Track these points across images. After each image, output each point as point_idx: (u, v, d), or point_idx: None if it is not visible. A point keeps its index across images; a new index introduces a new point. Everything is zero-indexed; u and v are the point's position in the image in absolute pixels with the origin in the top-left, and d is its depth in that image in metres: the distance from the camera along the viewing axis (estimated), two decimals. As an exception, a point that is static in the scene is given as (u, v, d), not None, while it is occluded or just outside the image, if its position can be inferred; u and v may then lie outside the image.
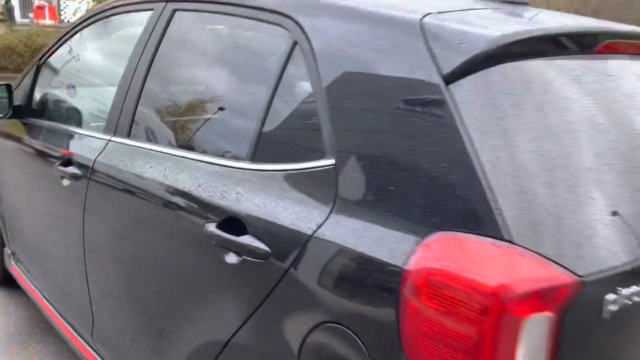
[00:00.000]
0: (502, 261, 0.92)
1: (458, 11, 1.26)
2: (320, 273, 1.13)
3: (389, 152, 1.09)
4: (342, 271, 1.09)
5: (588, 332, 0.98)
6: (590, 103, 1.16)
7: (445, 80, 1.05)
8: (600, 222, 1.01)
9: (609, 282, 0.98)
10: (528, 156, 1.01)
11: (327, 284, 1.12)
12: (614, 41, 1.31)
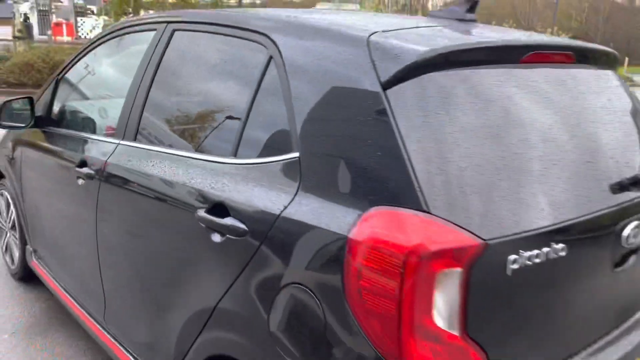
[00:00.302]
0: (420, 227, 1.17)
1: (403, 29, 1.51)
2: (286, 244, 1.38)
3: (339, 145, 1.35)
4: (302, 241, 1.34)
5: (494, 285, 1.22)
6: (507, 103, 1.40)
7: (383, 86, 1.30)
8: (504, 198, 1.25)
9: (510, 245, 1.21)
10: (446, 147, 1.25)
11: (291, 252, 1.37)
12: (540, 52, 1.55)
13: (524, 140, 1.37)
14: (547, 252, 1.27)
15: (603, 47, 1.90)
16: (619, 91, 1.83)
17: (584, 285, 1.45)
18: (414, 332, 1.18)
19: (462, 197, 1.21)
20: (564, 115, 1.53)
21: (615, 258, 1.51)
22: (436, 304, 1.18)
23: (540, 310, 1.34)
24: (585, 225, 1.38)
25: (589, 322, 1.53)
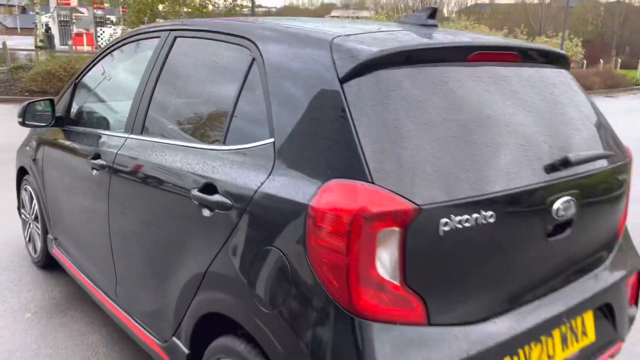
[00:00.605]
0: (364, 194, 1.42)
1: (364, 34, 1.78)
2: (262, 214, 1.65)
3: (305, 130, 1.61)
4: (274, 211, 1.61)
5: (428, 243, 1.47)
6: (448, 94, 1.65)
7: (341, 81, 1.57)
8: (439, 172, 1.50)
9: (442, 210, 1.46)
10: (390, 130, 1.51)
11: (266, 221, 1.63)
12: (483, 52, 1.81)
13: (461, 125, 1.62)
14: (476, 218, 1.52)
15: (551, 49, 2.15)
16: (564, 87, 2.07)
17: (517, 250, 1.69)
18: (361, 282, 1.43)
19: (402, 171, 1.47)
20: (502, 105, 1.77)
21: (547, 229, 1.75)
22: (379, 258, 1.44)
23: (474, 267, 1.59)
24: (514, 197, 1.62)
25: (524, 283, 1.76)
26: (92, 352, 2.79)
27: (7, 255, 3.94)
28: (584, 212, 1.87)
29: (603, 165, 1.98)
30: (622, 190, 2.15)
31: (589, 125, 2.06)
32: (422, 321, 1.51)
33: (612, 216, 2.12)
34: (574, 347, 1.94)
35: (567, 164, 1.77)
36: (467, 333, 1.57)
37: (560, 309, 1.82)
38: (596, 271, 2.05)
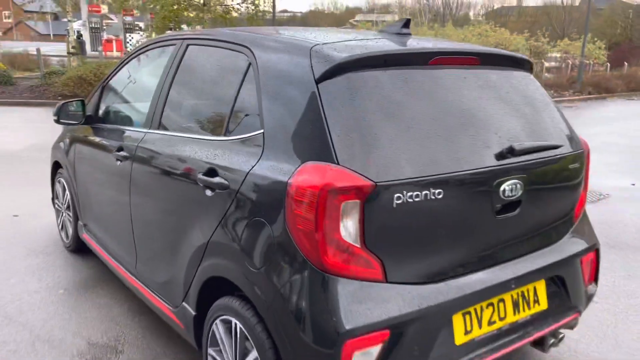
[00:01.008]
0: (331, 173, 1.75)
1: (340, 42, 2.11)
2: (252, 192, 1.99)
3: (287, 122, 1.95)
4: (261, 189, 1.95)
5: (383, 213, 1.79)
6: (408, 92, 1.97)
7: (316, 81, 1.90)
8: (395, 156, 1.82)
9: (395, 187, 1.78)
10: (354, 122, 1.83)
11: (254, 196, 1.98)
12: (443, 57, 2.12)
13: (418, 118, 1.93)
14: (425, 194, 1.84)
15: (511, 54, 2.45)
16: (522, 87, 2.37)
17: (466, 223, 2.00)
18: (328, 244, 1.76)
19: (363, 155, 1.79)
20: (458, 101, 2.08)
21: (495, 207, 2.05)
22: (343, 224, 1.76)
23: (426, 235, 1.90)
24: (461, 178, 1.93)
25: (474, 252, 2.06)
26: (114, 322, 3.16)
27: (43, 241, 4.37)
28: (532, 194, 2.17)
29: (552, 154, 2.27)
30: (575, 178, 2.43)
31: (542, 120, 2.35)
32: (380, 278, 1.83)
33: (564, 200, 2.40)
34: (526, 312, 2.23)
35: (512, 152, 2.07)
36: (420, 291, 1.89)
37: (509, 276, 2.12)
38: (549, 247, 2.34)
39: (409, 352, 1.86)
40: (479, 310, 2.06)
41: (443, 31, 19.49)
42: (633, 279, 3.94)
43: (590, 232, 2.59)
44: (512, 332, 2.18)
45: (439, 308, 1.91)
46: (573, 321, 2.47)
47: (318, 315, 1.77)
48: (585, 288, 2.53)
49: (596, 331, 3.19)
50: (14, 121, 11.05)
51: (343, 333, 1.73)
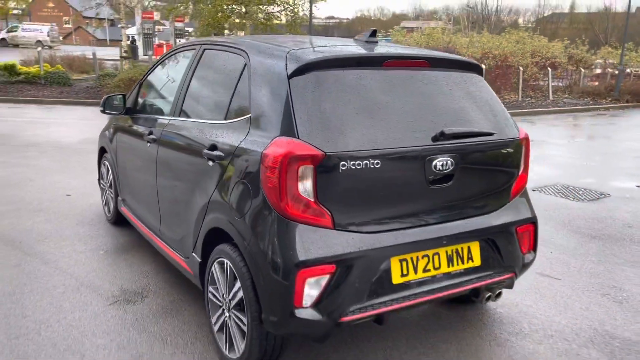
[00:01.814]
0: (292, 145, 2.35)
1: (311, 48, 2.72)
2: (239, 161, 2.62)
3: (266, 107, 2.57)
4: (245, 158, 2.57)
5: (331, 177, 2.37)
6: (362, 87, 2.55)
7: (288, 77, 2.51)
8: (343, 134, 2.41)
9: (341, 157, 2.37)
10: (314, 107, 2.43)
11: (240, 164, 2.60)
12: (393, 60, 2.70)
13: (366, 107, 2.51)
14: (365, 164, 2.41)
15: (458, 58, 3.00)
16: (467, 86, 2.91)
17: (402, 189, 2.55)
18: (289, 198, 2.36)
19: (318, 132, 2.39)
20: (403, 95, 2.64)
21: (428, 178, 2.60)
22: (300, 183, 2.36)
23: (367, 195, 2.47)
24: (395, 153, 2.49)
25: (411, 212, 2.61)
26: (142, 276, 3.85)
27: (89, 215, 5.14)
28: (464, 170, 2.71)
29: (484, 140, 2.80)
30: (509, 161, 2.94)
31: (480, 112, 2.88)
32: (330, 225, 2.42)
33: (498, 178, 2.92)
34: (460, 266, 2.77)
35: (443, 135, 2.62)
36: (361, 237, 2.47)
37: (440, 234, 2.67)
38: (483, 215, 2.86)
39: (351, 283, 2.44)
40: (414, 258, 2.62)
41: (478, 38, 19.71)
42: (602, 264, 4.36)
43: (528, 208, 3.09)
44: (447, 280, 2.72)
45: (376, 252, 2.48)
46: (508, 280, 2.97)
47: (280, 251, 2.37)
48: (523, 255, 3.04)
49: (549, 300, 3.67)
50: (70, 118, 12.12)
51: (298, 263, 2.33)
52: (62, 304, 3.41)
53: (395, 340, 3.11)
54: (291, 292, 2.36)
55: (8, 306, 3.35)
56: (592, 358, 3.00)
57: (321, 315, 2.40)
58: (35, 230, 4.70)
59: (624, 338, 3.21)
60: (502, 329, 3.27)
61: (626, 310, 3.56)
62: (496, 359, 2.97)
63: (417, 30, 19.41)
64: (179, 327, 3.19)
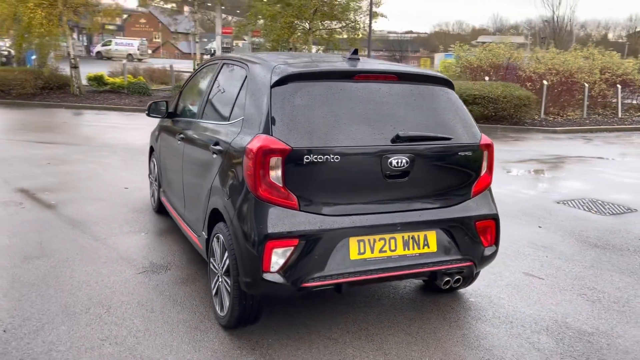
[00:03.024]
0: (266, 141, 2.94)
1: (296, 62, 3.30)
2: (231, 154, 3.23)
3: (253, 111, 3.17)
4: (234, 152, 3.18)
5: (297, 166, 2.93)
6: (333, 96, 3.09)
7: (270, 87, 3.11)
8: (309, 133, 2.96)
9: (305, 151, 2.92)
10: (287, 112, 3.00)
11: (231, 156, 3.21)
12: (363, 74, 3.23)
13: (333, 112, 3.05)
14: (326, 158, 2.95)
15: (426, 73, 3.48)
16: (434, 98, 3.37)
17: (361, 181, 3.05)
18: (263, 184, 2.94)
19: (288, 131, 2.95)
20: (368, 104, 3.15)
21: (385, 173, 3.09)
22: (271, 172, 2.93)
23: (328, 184, 3.00)
24: (353, 150, 3.00)
25: (369, 201, 3.10)
26: (171, 253, 4.56)
27: (138, 204, 5.97)
28: (420, 169, 3.17)
29: (440, 143, 3.25)
30: (470, 163, 3.37)
31: (442, 120, 3.33)
32: (296, 207, 2.97)
33: (456, 177, 3.35)
34: (415, 250, 3.22)
35: (398, 138, 3.10)
36: (323, 218, 3.00)
37: (396, 221, 3.14)
38: (442, 208, 3.30)
39: (312, 255, 2.97)
40: (371, 240, 3.11)
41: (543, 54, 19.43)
42: (592, 269, 4.61)
43: (489, 206, 3.49)
44: (403, 261, 3.18)
45: (335, 231, 3.00)
46: (466, 268, 3.38)
47: (254, 226, 2.95)
48: (484, 247, 3.44)
49: (523, 295, 4.01)
50: (145, 124, 13.31)
51: (266, 235, 2.90)
52: (102, 270, 4.16)
53: (367, 315, 3.59)
54: (261, 259, 2.93)
55: (61, 269, 4.14)
56: (541, 342, 3.34)
57: (286, 279, 2.95)
58: (94, 215, 5.55)
59: (579, 329, 3.52)
60: (466, 314, 3.67)
61: (595, 308, 3.84)
62: (450, 336, 3.38)
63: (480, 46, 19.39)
64: (190, 293, 3.83)
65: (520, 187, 7.65)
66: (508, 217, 6.05)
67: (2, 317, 3.37)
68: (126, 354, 3.02)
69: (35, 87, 17.08)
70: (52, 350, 3.03)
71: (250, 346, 3.16)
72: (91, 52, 46.09)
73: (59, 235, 4.90)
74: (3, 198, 6.03)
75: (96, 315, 3.44)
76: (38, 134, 11.13)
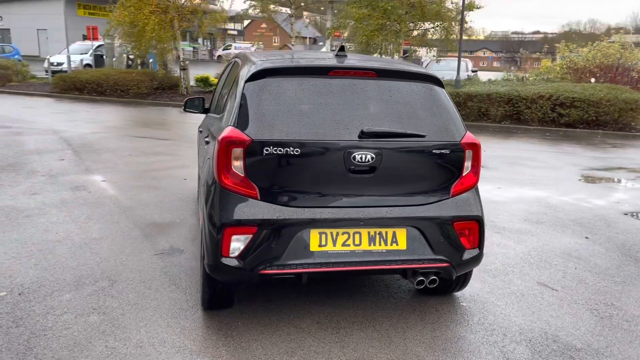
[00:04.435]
0: (231, 132, 3.10)
1: (277, 59, 3.44)
2: (212, 143, 3.44)
3: (233, 103, 3.35)
4: (213, 142, 3.39)
5: (257, 157, 3.05)
6: (306, 91, 3.18)
7: (245, 81, 3.27)
8: (271, 126, 3.08)
9: (264, 143, 3.04)
10: (254, 105, 3.14)
11: (212, 146, 3.42)
12: (337, 70, 3.28)
13: (301, 106, 3.13)
14: (286, 150, 3.05)
15: (409, 70, 3.43)
16: (414, 94, 3.33)
17: (323, 174, 3.10)
18: (226, 172, 3.11)
19: (250, 123, 3.09)
20: (340, 100, 3.19)
21: (349, 167, 3.11)
22: (234, 162, 3.09)
23: (288, 176, 3.09)
24: (314, 144, 3.06)
25: (332, 195, 3.14)
26: (191, 239, 4.87)
27: (188, 194, 6.41)
28: (389, 165, 3.16)
29: (414, 140, 3.20)
30: (448, 162, 3.28)
31: (419, 117, 3.27)
32: (257, 197, 3.10)
33: (433, 176, 3.27)
34: (382, 247, 3.21)
35: (363, 134, 3.12)
36: (282, 209, 3.10)
37: (360, 216, 3.15)
38: (413, 206, 3.25)
39: (270, 244, 3.08)
40: (334, 233, 3.15)
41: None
42: (623, 285, 4.22)
43: (472, 207, 3.36)
44: (368, 257, 3.18)
45: (294, 222, 3.08)
46: (443, 269, 3.29)
47: (217, 212, 3.13)
48: (465, 250, 3.33)
49: (524, 304, 3.80)
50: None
51: (225, 222, 3.07)
52: (125, 249, 4.58)
53: (345, 309, 3.63)
54: (220, 244, 3.10)
55: (91, 246, 4.61)
56: (515, 352, 3.17)
57: (244, 265, 3.10)
58: (145, 201, 6.06)
59: (567, 344, 3.28)
60: (448, 317, 3.57)
61: (600, 325, 3.54)
62: (419, 337, 3.31)
63: (589, 45, 17.92)
64: (191, 275, 4.10)
65: (589, 196, 7.10)
66: (554, 226, 5.69)
67: (24, 282, 3.86)
68: (107, 323, 3.34)
69: (150, 87, 18.68)
70: (49, 314, 3.43)
71: (218, 327, 3.35)
72: (214, 55, 49.26)
73: (105, 217, 5.43)
74: (77, 183, 6.76)
75: (99, 288, 3.82)
76: (137, 129, 12.23)
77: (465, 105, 14.25)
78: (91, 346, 3.08)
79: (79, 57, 24.93)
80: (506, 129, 13.79)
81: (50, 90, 19.19)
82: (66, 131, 10.89)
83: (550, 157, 10.04)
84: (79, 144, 9.48)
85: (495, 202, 6.60)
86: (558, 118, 13.62)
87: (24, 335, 3.17)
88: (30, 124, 11.71)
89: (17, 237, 4.77)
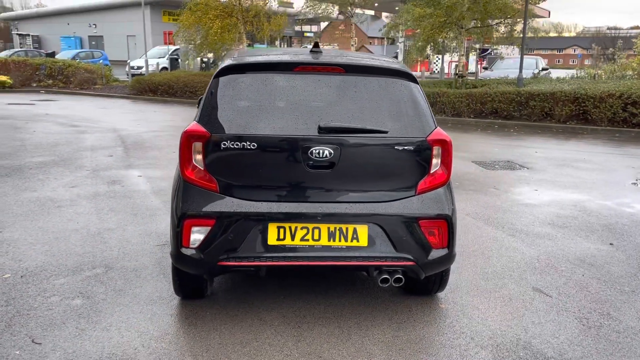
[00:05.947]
0: (192, 127, 3.19)
1: (250, 56, 3.49)
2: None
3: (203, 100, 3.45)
4: (187, 137, 3.51)
5: (216, 152, 3.13)
6: (271, 86, 3.22)
7: (213, 77, 3.36)
8: (231, 122, 3.15)
9: (222, 137, 3.11)
10: (215, 100, 3.22)
11: (186, 142, 3.54)
12: (302, 66, 3.29)
13: (262, 101, 3.17)
14: (243, 145, 3.10)
15: (379, 65, 3.37)
16: (382, 89, 3.28)
17: (280, 169, 3.12)
18: (188, 165, 3.21)
19: (213, 118, 3.17)
20: (302, 95, 3.20)
21: (307, 162, 3.11)
22: (195, 156, 3.19)
23: (246, 170, 3.13)
24: (271, 138, 3.09)
25: (289, 190, 3.15)
26: (201, 234, 5.03)
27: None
28: (348, 160, 3.13)
29: (375, 136, 3.15)
30: (412, 159, 3.20)
31: (383, 113, 3.21)
32: (216, 190, 3.18)
33: (396, 173, 3.20)
34: (342, 242, 3.18)
35: (319, 129, 3.11)
36: (240, 202, 3.16)
37: (318, 211, 3.14)
38: (375, 203, 3.19)
39: (229, 236, 3.14)
40: (292, 228, 3.16)
41: None
42: (631, 295, 3.91)
43: (440, 205, 3.25)
44: (327, 252, 3.17)
45: (252, 215, 3.12)
46: (409, 268, 3.21)
47: (180, 204, 3.23)
48: (431, 249, 3.24)
49: (506, 309, 3.62)
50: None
51: (185, 213, 3.17)
52: (132, 239, 4.81)
53: (316, 305, 3.62)
54: (181, 234, 3.20)
55: (103, 235, 4.89)
56: (477, 357, 3.05)
57: (203, 256, 3.18)
58: (165, 190, 6.29)
59: (538, 352, 3.10)
60: (419, 318, 3.47)
61: (584, 334, 3.31)
62: (379, 336, 3.25)
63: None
64: (183, 266, 4.25)
65: (634, 201, 6.59)
66: (579, 230, 5.35)
67: (29, 266, 4.18)
68: (87, 307, 3.55)
69: (216, 88, 19.37)
70: (39, 295, 3.69)
71: (184, 315, 3.46)
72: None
73: (127, 209, 5.72)
74: (115, 177, 7.17)
75: (94, 274, 4.06)
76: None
77: (527, 104, 13.64)
78: (64, 327, 3.29)
79: (156, 60, 26.30)
80: (570, 129, 13.05)
81: (128, 92, 20.42)
82: (125, 130, 11.55)
83: (608, 158, 9.41)
84: (132, 142, 10.02)
85: (525, 204, 6.30)
86: (630, 118, 12.71)
87: (10, 313, 3.43)
88: (96, 123, 12.52)
89: (42, 225, 5.15)
